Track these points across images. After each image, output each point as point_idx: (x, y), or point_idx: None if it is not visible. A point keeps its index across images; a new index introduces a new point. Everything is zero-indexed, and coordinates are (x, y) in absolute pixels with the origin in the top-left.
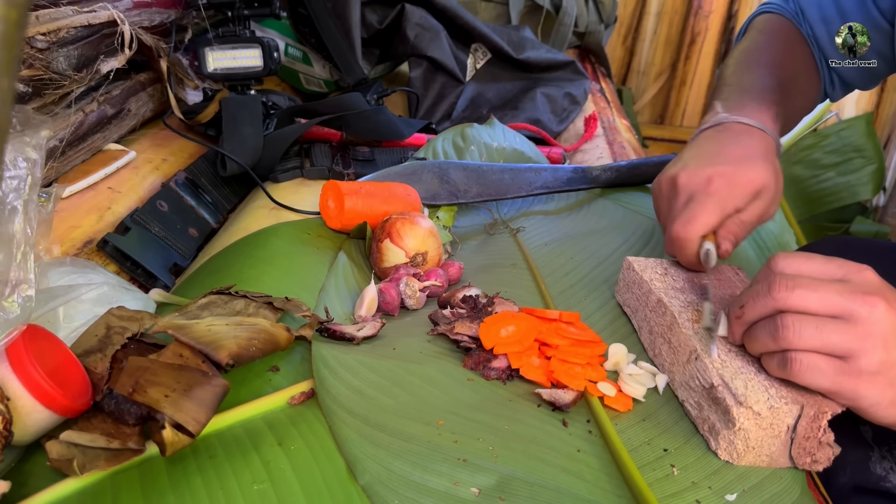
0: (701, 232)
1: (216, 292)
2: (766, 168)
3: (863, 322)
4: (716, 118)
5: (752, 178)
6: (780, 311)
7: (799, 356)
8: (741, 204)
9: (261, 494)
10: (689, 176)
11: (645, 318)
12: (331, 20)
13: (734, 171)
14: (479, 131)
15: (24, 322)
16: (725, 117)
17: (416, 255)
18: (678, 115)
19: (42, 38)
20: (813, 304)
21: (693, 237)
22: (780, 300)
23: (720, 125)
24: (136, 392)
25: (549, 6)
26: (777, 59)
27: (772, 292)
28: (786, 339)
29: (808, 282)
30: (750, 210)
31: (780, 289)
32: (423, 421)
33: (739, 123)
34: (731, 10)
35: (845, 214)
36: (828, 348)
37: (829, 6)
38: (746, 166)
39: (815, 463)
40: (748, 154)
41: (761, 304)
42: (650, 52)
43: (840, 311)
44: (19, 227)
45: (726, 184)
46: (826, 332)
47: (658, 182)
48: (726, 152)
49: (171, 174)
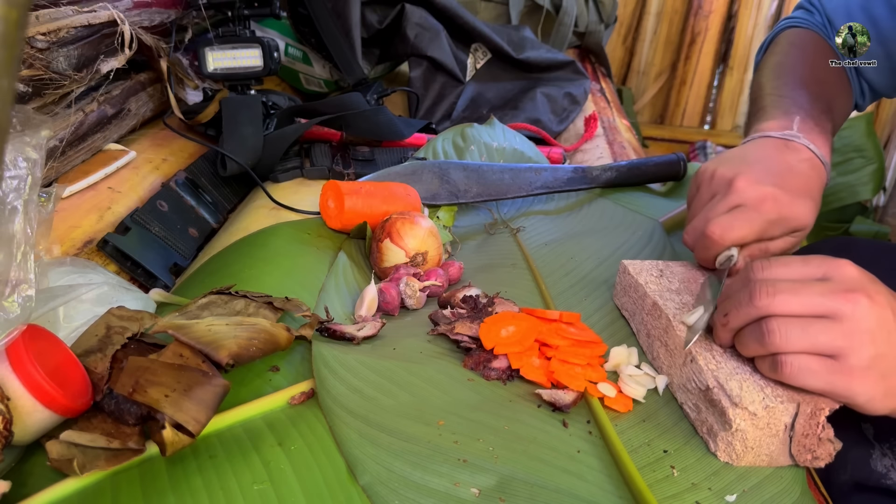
0: (735, 242)
1: (216, 292)
2: (815, 209)
3: (847, 319)
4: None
5: (799, 216)
6: (764, 317)
7: (789, 358)
8: (777, 234)
9: (261, 494)
10: (747, 184)
11: (642, 321)
12: (331, 20)
13: (790, 202)
14: (479, 131)
15: (24, 322)
16: (797, 136)
17: (416, 255)
18: (678, 114)
19: (42, 38)
20: (796, 308)
21: (725, 243)
22: (763, 307)
23: (790, 142)
24: (137, 392)
25: (549, 6)
26: (818, 75)
27: (753, 300)
28: (773, 344)
29: (788, 285)
30: (778, 242)
31: (762, 295)
32: (424, 421)
33: (809, 150)
34: (731, 10)
35: (845, 214)
36: (816, 348)
37: (858, 14)
38: (801, 202)
39: (816, 459)
40: (807, 188)
41: (744, 312)
42: (650, 52)
43: (824, 310)
44: (19, 227)
45: (778, 211)
46: (813, 333)
47: (707, 172)
48: (791, 178)
49: (171, 174)
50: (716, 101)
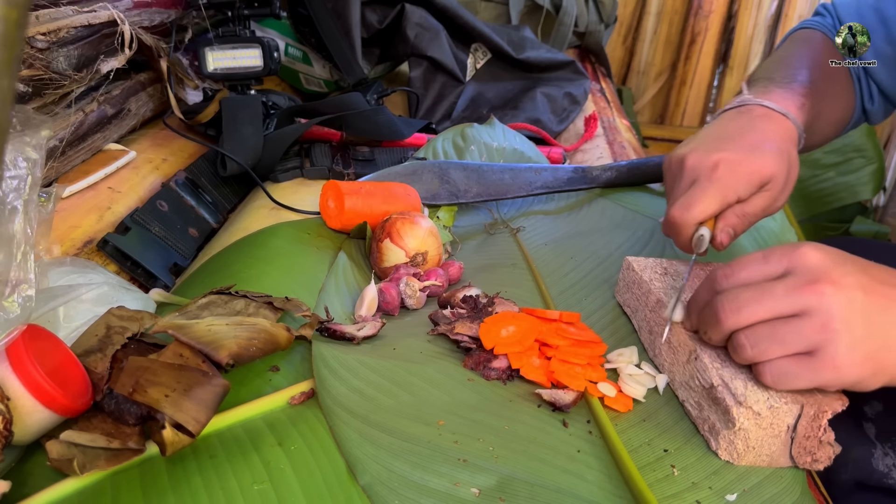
0: (698, 218)
1: (216, 292)
2: (777, 158)
3: (816, 313)
4: (738, 99)
5: (758, 168)
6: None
7: (766, 368)
8: (744, 194)
9: (261, 495)
10: (696, 158)
11: (645, 318)
12: (331, 20)
13: (742, 158)
14: (479, 131)
15: (24, 322)
16: (748, 99)
17: (416, 255)
18: (678, 114)
19: (42, 38)
20: (763, 315)
21: (689, 223)
22: (730, 325)
23: (742, 106)
24: (137, 392)
25: (549, 6)
26: (811, 62)
27: (720, 319)
28: (748, 358)
29: (751, 294)
30: (753, 202)
31: (727, 314)
32: (424, 421)
33: (761, 106)
34: (731, 10)
35: (845, 214)
36: (791, 350)
37: (868, 13)
38: (756, 155)
39: (815, 462)
40: (762, 141)
41: (717, 331)
42: (650, 52)
43: (791, 310)
44: (19, 227)
45: (731, 171)
46: (782, 336)
47: (668, 159)
48: (740, 137)
49: (171, 174)
50: (716, 101)
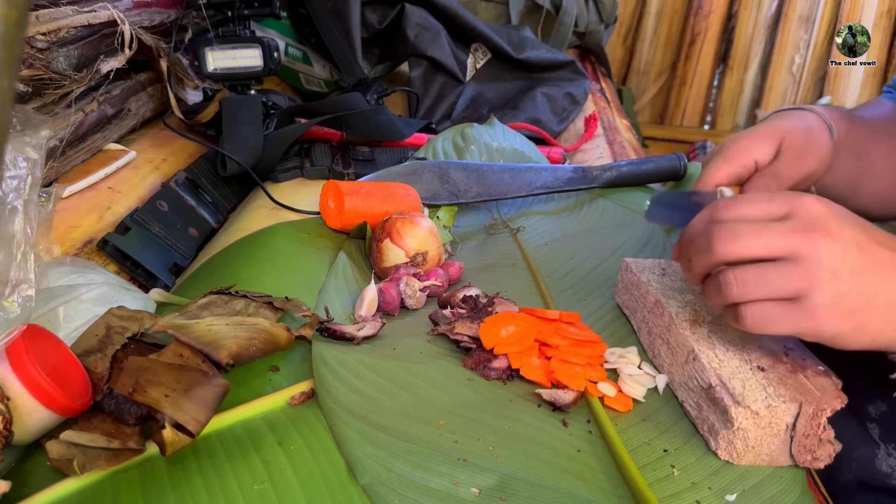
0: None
1: (216, 292)
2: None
3: (806, 259)
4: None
5: (762, 133)
6: (723, 263)
7: (748, 309)
8: (759, 155)
9: (261, 494)
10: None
11: (643, 319)
12: (331, 20)
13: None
14: (479, 131)
15: (24, 322)
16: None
17: (416, 255)
18: (678, 114)
19: (42, 38)
20: (755, 251)
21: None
22: (722, 254)
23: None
24: (136, 392)
25: (549, 6)
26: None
27: (713, 245)
28: (731, 296)
29: (749, 228)
30: (779, 163)
31: (721, 241)
32: (424, 421)
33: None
34: (731, 10)
35: None
36: (776, 294)
37: None
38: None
39: (815, 460)
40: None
41: (705, 259)
42: (650, 52)
43: (783, 252)
44: (19, 227)
45: (738, 136)
46: (769, 279)
47: None
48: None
49: (171, 174)
50: (716, 101)
